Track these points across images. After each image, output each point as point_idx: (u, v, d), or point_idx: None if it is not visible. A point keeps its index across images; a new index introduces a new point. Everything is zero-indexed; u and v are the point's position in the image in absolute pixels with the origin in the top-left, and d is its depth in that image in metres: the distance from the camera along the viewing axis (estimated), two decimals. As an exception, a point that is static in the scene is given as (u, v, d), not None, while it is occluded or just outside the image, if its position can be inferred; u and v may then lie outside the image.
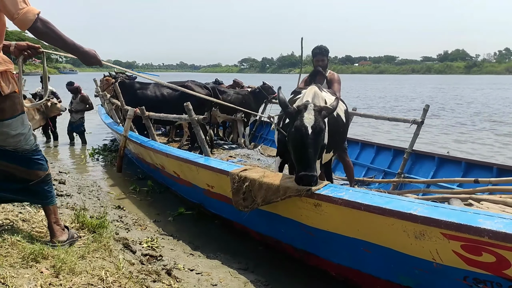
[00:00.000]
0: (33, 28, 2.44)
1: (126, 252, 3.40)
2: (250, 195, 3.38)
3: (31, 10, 2.43)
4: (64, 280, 2.25)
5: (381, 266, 2.86)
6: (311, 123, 3.01)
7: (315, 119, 3.03)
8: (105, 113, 9.51)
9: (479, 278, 2.34)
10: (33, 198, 2.89)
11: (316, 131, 2.99)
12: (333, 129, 3.83)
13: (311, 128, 2.99)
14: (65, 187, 5.51)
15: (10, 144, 2.61)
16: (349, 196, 2.73)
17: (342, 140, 4.45)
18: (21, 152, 2.66)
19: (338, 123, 4.04)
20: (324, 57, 5.03)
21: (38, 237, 2.93)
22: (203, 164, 4.15)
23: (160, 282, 2.92)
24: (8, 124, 2.55)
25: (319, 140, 3.01)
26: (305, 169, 2.93)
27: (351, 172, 5.41)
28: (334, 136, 3.87)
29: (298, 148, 3.03)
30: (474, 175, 5.28)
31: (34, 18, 2.43)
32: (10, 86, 2.54)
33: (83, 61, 2.80)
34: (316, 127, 3.00)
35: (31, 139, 2.71)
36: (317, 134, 2.99)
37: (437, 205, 2.47)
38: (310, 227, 3.20)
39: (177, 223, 4.86)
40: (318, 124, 3.02)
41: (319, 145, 3.03)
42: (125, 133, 6.29)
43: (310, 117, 3.03)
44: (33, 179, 2.74)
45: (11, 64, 2.57)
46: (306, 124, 3.00)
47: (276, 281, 3.37)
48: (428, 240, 2.38)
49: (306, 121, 3.01)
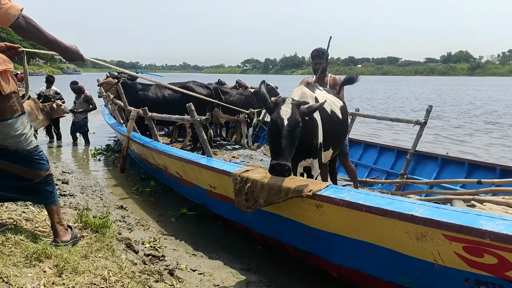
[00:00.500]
0: (15, 24, 2.40)
1: (129, 252, 3.41)
2: (252, 196, 3.39)
3: (14, 5, 2.40)
4: (67, 280, 2.26)
5: (382, 267, 2.86)
6: (287, 116, 3.07)
7: (292, 112, 3.09)
8: (109, 114, 9.55)
9: (481, 280, 2.33)
10: (35, 198, 2.90)
11: (291, 124, 3.04)
12: (328, 126, 3.86)
13: (287, 120, 3.05)
14: (68, 187, 5.53)
15: (11, 145, 2.62)
16: (350, 197, 2.73)
17: (340, 138, 4.35)
18: (22, 152, 2.67)
19: (333, 120, 4.04)
20: (322, 60, 4.97)
21: (41, 236, 2.95)
22: (205, 165, 4.17)
23: (162, 282, 2.93)
24: (8, 124, 2.55)
25: (294, 132, 3.06)
26: (277, 159, 2.98)
27: (354, 175, 5.41)
28: (330, 133, 3.88)
29: (273, 139, 3.09)
30: (477, 176, 5.27)
31: (17, 14, 2.39)
32: (10, 86, 2.53)
33: (65, 57, 2.78)
34: (292, 119, 3.06)
35: (32, 140, 2.72)
36: (293, 126, 3.05)
37: (439, 207, 2.47)
38: (312, 227, 3.21)
39: (179, 224, 4.88)
40: (294, 117, 3.07)
41: (294, 137, 3.07)
42: (128, 134, 6.31)
43: (287, 110, 3.10)
44: (34, 179, 2.75)
45: (10, 63, 2.57)
46: (282, 116, 3.07)
47: (278, 282, 3.38)
48: (429, 242, 2.38)
49: (283, 113, 3.08)
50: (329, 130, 3.85)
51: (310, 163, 3.83)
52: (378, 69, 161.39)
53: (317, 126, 3.72)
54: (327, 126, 3.80)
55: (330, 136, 3.91)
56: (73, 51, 2.77)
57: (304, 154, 3.69)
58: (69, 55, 2.76)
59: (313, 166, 3.82)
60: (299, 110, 3.17)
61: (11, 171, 2.70)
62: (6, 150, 2.64)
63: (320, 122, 3.76)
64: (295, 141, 3.09)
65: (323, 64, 4.99)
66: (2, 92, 2.47)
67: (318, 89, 4.27)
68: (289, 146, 3.02)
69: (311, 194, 2.93)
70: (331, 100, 4.10)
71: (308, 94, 3.73)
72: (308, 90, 3.84)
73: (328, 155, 4.13)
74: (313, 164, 3.81)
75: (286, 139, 3.01)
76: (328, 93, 4.31)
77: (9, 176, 2.72)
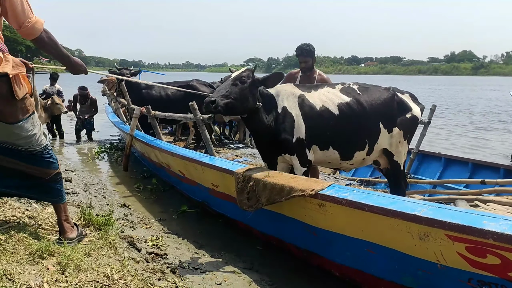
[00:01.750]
0: (39, 38, 2.55)
1: (132, 250, 3.42)
2: (255, 195, 3.39)
3: (39, 21, 2.53)
4: (70, 277, 2.27)
5: (384, 267, 2.85)
6: (235, 74, 3.61)
7: (241, 72, 3.61)
8: (112, 112, 9.57)
9: (483, 280, 2.33)
10: (43, 196, 2.93)
11: (235, 77, 3.56)
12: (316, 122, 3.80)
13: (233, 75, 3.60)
14: (71, 185, 5.56)
15: (21, 145, 2.64)
16: (353, 197, 2.73)
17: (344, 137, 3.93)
18: (32, 152, 2.69)
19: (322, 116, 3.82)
20: (307, 58, 4.77)
21: (45, 234, 2.96)
22: (208, 164, 4.17)
23: (165, 280, 2.94)
24: (19, 126, 2.57)
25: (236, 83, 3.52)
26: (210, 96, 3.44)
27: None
28: (321, 130, 3.80)
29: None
30: (481, 176, 5.26)
31: (41, 29, 2.54)
32: (23, 89, 2.57)
33: (72, 70, 3.01)
34: (238, 76, 3.57)
35: (42, 139, 2.74)
36: (235, 78, 3.55)
37: (442, 207, 2.46)
38: (314, 227, 3.21)
39: (181, 222, 4.88)
40: (241, 73, 3.59)
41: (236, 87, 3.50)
42: (131, 132, 6.32)
43: (238, 71, 3.64)
44: (44, 177, 2.77)
45: (23, 67, 2.61)
46: (232, 75, 3.63)
47: (280, 281, 3.38)
48: (432, 242, 2.38)
49: (233, 74, 3.65)
50: (318, 126, 3.77)
51: (290, 160, 3.83)
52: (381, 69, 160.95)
53: (293, 121, 3.72)
54: (313, 122, 3.75)
55: (322, 133, 3.81)
56: (79, 64, 3.00)
57: (280, 149, 3.81)
58: (76, 68, 2.99)
59: (293, 163, 3.82)
60: (250, 73, 3.63)
61: (21, 169, 2.72)
62: (16, 150, 2.65)
63: (299, 117, 3.73)
64: (236, 91, 3.48)
65: (308, 62, 4.81)
66: (16, 97, 2.49)
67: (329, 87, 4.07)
68: (225, 89, 3.46)
69: (313, 193, 2.93)
70: (329, 97, 3.92)
71: (288, 91, 3.88)
72: (293, 88, 3.93)
73: (332, 156, 3.94)
74: (292, 161, 3.80)
75: (225, 85, 3.51)
76: (332, 90, 4.03)
77: (18, 174, 2.74)
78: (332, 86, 4.12)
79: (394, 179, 4.42)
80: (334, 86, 4.13)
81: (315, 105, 3.85)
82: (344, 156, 3.98)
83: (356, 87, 4.12)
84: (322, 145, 3.88)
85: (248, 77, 3.57)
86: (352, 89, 4.08)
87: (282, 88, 3.91)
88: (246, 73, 3.59)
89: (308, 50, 4.77)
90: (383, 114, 4.04)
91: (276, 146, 3.81)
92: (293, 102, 3.81)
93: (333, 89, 4.04)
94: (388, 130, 4.08)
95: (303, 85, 4.09)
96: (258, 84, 3.66)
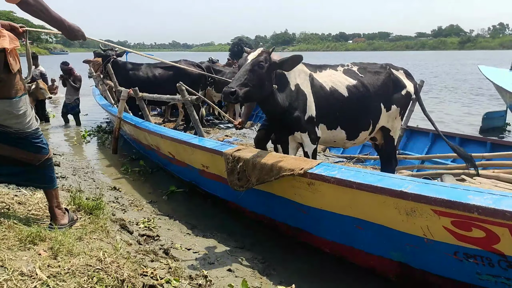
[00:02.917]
0: (23, 1, 2.40)
1: (123, 233, 3.44)
2: (245, 175, 3.41)
3: None
4: (63, 262, 2.28)
5: (373, 242, 2.92)
6: (252, 57, 3.39)
7: (258, 54, 3.40)
8: (99, 94, 9.44)
9: (469, 253, 2.40)
10: (34, 182, 2.90)
11: (253, 62, 3.35)
12: (326, 102, 3.81)
13: (250, 60, 3.37)
14: (60, 169, 5.52)
15: (12, 125, 2.59)
16: (341, 175, 2.76)
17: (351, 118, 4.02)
18: (22, 135, 2.65)
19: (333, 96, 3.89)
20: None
21: (35, 219, 2.96)
22: (198, 145, 4.17)
23: (158, 261, 2.96)
24: (13, 103, 2.53)
25: (254, 68, 3.32)
26: (230, 84, 3.25)
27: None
28: (330, 110, 3.85)
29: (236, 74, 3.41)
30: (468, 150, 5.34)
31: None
32: (17, 64, 2.53)
33: (68, 35, 2.80)
34: (255, 59, 3.36)
35: (33, 122, 2.71)
36: (252, 64, 3.34)
37: (428, 182, 2.50)
38: (304, 205, 3.25)
39: (173, 203, 4.90)
40: (258, 58, 3.37)
41: (254, 73, 3.31)
42: (119, 115, 6.26)
43: (254, 54, 3.43)
44: (34, 163, 2.75)
45: (17, 41, 2.56)
46: (248, 58, 3.41)
47: (272, 259, 3.43)
48: (419, 217, 2.43)
49: (249, 56, 3.43)
50: (327, 106, 3.82)
51: (300, 139, 3.83)
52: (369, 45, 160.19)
53: (305, 99, 3.71)
54: (323, 102, 3.78)
55: (331, 113, 3.87)
56: (76, 29, 2.80)
57: (292, 127, 3.75)
58: (72, 33, 2.79)
59: (303, 141, 3.81)
60: (267, 55, 3.42)
61: (11, 156, 2.69)
62: (6, 133, 2.61)
63: (311, 96, 3.74)
64: (254, 77, 3.31)
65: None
66: (12, 70, 2.45)
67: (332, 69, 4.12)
68: (244, 77, 3.26)
69: (302, 172, 2.96)
70: (336, 78, 3.99)
71: (300, 69, 3.77)
72: (303, 66, 3.85)
73: (339, 135, 4.04)
74: (302, 139, 3.80)
75: (243, 72, 3.29)
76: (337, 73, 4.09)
77: (8, 160, 2.70)
78: (334, 68, 4.16)
79: (387, 155, 4.58)
80: (336, 68, 4.17)
81: (325, 85, 3.87)
82: (350, 136, 4.11)
83: (355, 69, 4.20)
84: (330, 125, 3.93)
85: (266, 60, 3.38)
86: (354, 71, 4.17)
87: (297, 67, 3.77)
88: (263, 56, 3.39)
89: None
90: (383, 94, 4.20)
91: (288, 124, 3.75)
92: (304, 79, 3.79)
93: (336, 71, 4.11)
94: (387, 109, 4.25)
95: (310, 64, 4.05)
96: (276, 68, 3.50)
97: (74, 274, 2.18)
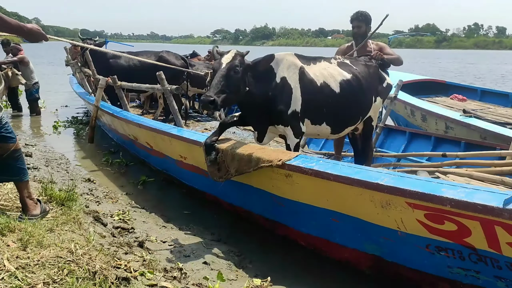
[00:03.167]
0: None
1: (97, 225, 3.38)
2: (224, 165, 3.39)
3: None
4: (32, 253, 2.22)
5: (348, 235, 2.94)
6: (227, 61, 3.28)
7: (232, 58, 3.29)
8: (77, 83, 9.20)
9: (441, 246, 2.44)
10: (3, 175, 2.81)
11: (228, 66, 3.25)
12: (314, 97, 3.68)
13: (225, 64, 3.26)
14: (32, 159, 5.38)
15: None
16: (319, 167, 2.77)
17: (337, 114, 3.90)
18: None
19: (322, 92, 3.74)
20: (361, 23, 4.72)
21: (4, 210, 2.87)
22: (176, 135, 4.12)
23: (132, 254, 2.93)
24: None
25: (229, 75, 3.23)
26: (207, 93, 3.16)
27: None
28: (317, 106, 3.72)
29: (211, 80, 3.31)
30: (443, 149, 5.46)
31: None
32: None
33: (29, 39, 2.80)
34: (230, 64, 3.26)
35: None
36: (228, 69, 3.24)
37: (403, 175, 2.53)
38: (281, 197, 3.25)
39: (148, 195, 4.83)
40: (233, 62, 3.27)
41: (229, 80, 3.23)
42: (96, 103, 6.13)
43: (228, 57, 3.31)
44: (1, 153, 2.66)
45: None
46: (222, 61, 3.29)
47: (248, 251, 3.43)
48: (393, 209, 2.46)
49: (223, 59, 3.31)
50: (315, 102, 3.69)
51: (283, 131, 3.69)
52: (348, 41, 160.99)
53: (290, 93, 3.56)
54: (311, 97, 3.65)
55: (318, 109, 3.74)
56: (35, 32, 2.78)
57: (273, 119, 3.61)
58: (33, 37, 2.78)
59: (286, 134, 3.67)
60: (242, 59, 3.34)
61: None
62: None
63: (297, 90, 3.59)
64: (231, 83, 3.23)
65: (361, 27, 4.71)
66: None
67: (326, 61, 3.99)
68: (221, 84, 3.18)
69: (280, 163, 2.95)
70: (330, 72, 3.84)
71: (289, 61, 3.65)
72: (295, 59, 3.71)
73: (324, 131, 3.91)
74: (286, 132, 3.66)
75: (219, 78, 3.20)
76: (331, 65, 3.96)
77: None
78: (328, 60, 4.04)
79: (364, 144, 4.57)
80: (330, 60, 4.04)
81: (316, 80, 3.72)
82: (335, 131, 4.00)
83: (349, 61, 4.13)
84: (316, 120, 3.79)
85: (240, 64, 3.30)
86: (347, 63, 4.08)
87: (284, 57, 3.67)
88: (237, 59, 3.30)
89: (364, 15, 4.74)
90: (374, 87, 4.21)
91: (269, 116, 3.63)
92: (293, 73, 3.62)
93: (331, 64, 3.98)
94: (374, 101, 4.25)
95: (304, 56, 3.90)
96: (249, 71, 3.42)
97: (44, 265, 2.12)
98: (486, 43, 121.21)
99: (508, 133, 5.30)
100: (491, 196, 2.12)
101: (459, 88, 9.09)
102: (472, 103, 8.03)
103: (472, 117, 6.02)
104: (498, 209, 2.02)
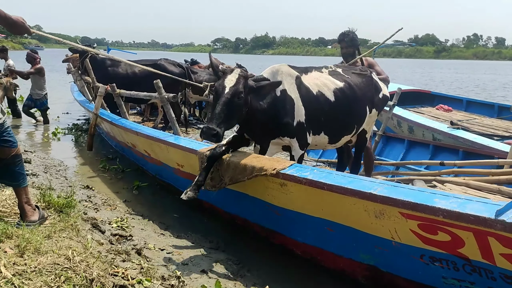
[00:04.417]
0: None
1: (95, 232, 3.39)
2: (218, 174, 3.41)
3: None
4: (29, 260, 2.24)
5: (343, 244, 2.95)
6: (230, 84, 3.12)
7: (236, 82, 3.13)
8: (78, 91, 9.26)
9: (435, 257, 2.44)
10: (3, 180, 2.83)
11: (231, 92, 3.09)
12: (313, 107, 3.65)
13: (228, 88, 3.10)
14: (31, 166, 5.41)
15: None
16: (313, 176, 2.79)
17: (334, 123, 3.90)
18: None
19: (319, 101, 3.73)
20: (349, 45, 4.78)
21: (2, 216, 2.89)
22: (173, 143, 4.15)
23: (129, 261, 2.93)
24: None
25: (233, 101, 3.09)
26: (209, 123, 3.04)
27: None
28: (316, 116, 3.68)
29: (213, 105, 3.15)
30: (441, 157, 5.49)
31: None
32: None
33: (12, 31, 2.74)
34: (233, 88, 3.10)
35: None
36: (232, 95, 3.09)
37: (397, 185, 2.54)
38: (276, 206, 3.27)
39: (147, 203, 4.84)
40: (237, 87, 3.11)
41: (232, 106, 3.10)
42: (95, 111, 6.17)
43: (232, 79, 3.14)
44: (1, 157, 2.68)
45: None
46: (225, 84, 3.12)
47: (247, 259, 3.43)
48: (387, 219, 2.48)
49: (226, 82, 3.14)
50: (314, 111, 3.66)
51: (288, 143, 3.65)
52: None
53: (293, 104, 3.53)
54: (310, 107, 3.62)
55: (316, 119, 3.71)
56: (19, 24, 2.71)
57: (277, 132, 3.57)
58: (17, 29, 2.72)
59: (292, 145, 3.64)
60: (245, 82, 3.19)
61: None
62: None
63: (299, 100, 3.57)
64: (234, 110, 3.12)
65: (350, 49, 4.78)
66: None
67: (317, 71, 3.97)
68: (224, 113, 3.06)
69: (275, 172, 2.97)
70: (322, 81, 3.83)
71: (285, 72, 3.60)
72: (289, 69, 3.66)
73: (322, 140, 3.88)
74: (291, 143, 3.62)
75: (222, 105, 3.06)
76: (323, 75, 3.94)
77: None
78: (319, 70, 4.02)
79: (357, 155, 4.57)
80: (321, 70, 4.03)
81: (311, 89, 3.70)
82: (332, 140, 3.97)
83: (340, 70, 4.09)
84: (315, 130, 3.75)
85: (245, 88, 3.16)
86: (339, 72, 4.05)
87: (279, 69, 3.62)
88: (241, 83, 3.14)
89: (350, 39, 4.77)
90: (369, 97, 4.15)
91: (274, 129, 3.57)
92: (291, 84, 3.58)
93: (322, 73, 3.95)
94: (369, 112, 4.19)
95: (296, 67, 3.86)
96: (252, 92, 3.29)
97: (41, 272, 2.14)
98: (485, 54, 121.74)
99: (496, 145, 5.32)
100: (483, 206, 2.13)
101: (445, 98, 9.11)
102: (458, 113, 8.06)
103: (459, 129, 6.04)
104: (490, 220, 2.02)
